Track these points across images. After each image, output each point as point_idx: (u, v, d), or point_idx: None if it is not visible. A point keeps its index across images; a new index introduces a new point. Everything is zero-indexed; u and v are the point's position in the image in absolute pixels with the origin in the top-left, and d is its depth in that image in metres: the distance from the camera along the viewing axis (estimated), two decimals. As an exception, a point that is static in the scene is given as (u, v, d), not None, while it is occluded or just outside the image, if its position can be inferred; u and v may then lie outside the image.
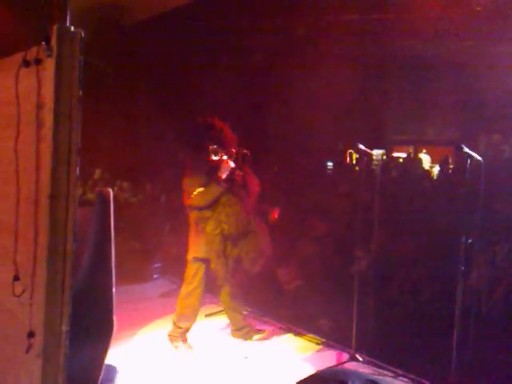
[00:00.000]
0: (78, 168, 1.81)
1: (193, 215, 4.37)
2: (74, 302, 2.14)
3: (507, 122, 11.51)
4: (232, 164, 4.35)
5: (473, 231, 3.80)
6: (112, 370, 3.32)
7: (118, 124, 9.40)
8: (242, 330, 4.76)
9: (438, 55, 8.53)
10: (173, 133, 8.64)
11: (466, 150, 3.36)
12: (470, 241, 3.74)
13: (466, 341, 4.12)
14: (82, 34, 1.72)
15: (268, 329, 5.02)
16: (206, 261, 4.40)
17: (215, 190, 4.24)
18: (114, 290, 2.55)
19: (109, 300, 2.45)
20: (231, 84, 8.90)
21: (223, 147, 4.36)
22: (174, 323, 4.54)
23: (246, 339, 4.72)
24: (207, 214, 4.28)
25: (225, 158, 4.35)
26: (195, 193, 4.20)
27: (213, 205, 4.26)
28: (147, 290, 6.35)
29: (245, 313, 5.07)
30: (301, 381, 2.60)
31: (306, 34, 8.63)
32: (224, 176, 4.28)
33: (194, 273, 4.41)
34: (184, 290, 4.48)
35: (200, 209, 4.27)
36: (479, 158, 3.45)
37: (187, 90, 8.94)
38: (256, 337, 4.76)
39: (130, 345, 4.59)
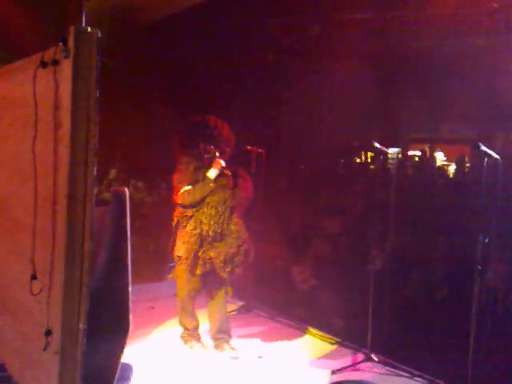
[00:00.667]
0: (95, 168, 1.82)
1: (176, 212, 4.33)
2: (90, 301, 2.16)
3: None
4: (223, 163, 4.29)
5: (489, 230, 3.76)
6: (128, 369, 3.35)
7: (133, 124, 9.46)
8: (218, 339, 4.55)
9: (455, 53, 8.43)
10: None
11: (484, 148, 3.33)
12: (487, 240, 3.69)
13: (482, 340, 4.08)
14: (99, 35, 1.74)
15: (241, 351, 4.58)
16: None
17: (202, 189, 4.18)
18: (130, 288, 2.56)
19: (125, 299, 2.47)
20: (246, 83, 8.91)
21: (216, 146, 4.30)
22: (180, 325, 4.57)
23: (217, 348, 4.52)
24: (189, 212, 4.23)
25: (217, 157, 4.28)
26: (182, 191, 4.17)
27: (197, 205, 4.21)
28: (162, 288, 6.35)
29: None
30: None
31: (320, 32, 8.60)
32: (213, 175, 4.23)
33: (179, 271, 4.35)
34: (177, 290, 4.49)
35: (184, 207, 4.23)
36: (497, 156, 3.41)
37: (202, 88, 8.95)
38: (227, 350, 4.48)
39: (145, 343, 4.62)
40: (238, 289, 5.96)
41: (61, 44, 1.74)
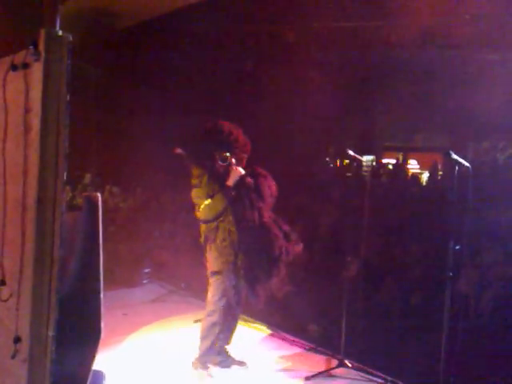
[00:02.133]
0: (65, 173, 1.80)
1: (202, 227, 4.09)
2: (61, 307, 2.13)
3: (496, 129, 11.63)
4: (242, 171, 4.06)
5: (461, 237, 3.82)
6: (99, 376, 3.29)
7: (108, 129, 9.39)
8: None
9: (429, 63, 8.60)
10: (165, 136, 8.64)
11: (454, 156, 3.39)
12: (458, 247, 3.75)
13: (454, 345, 4.13)
14: (70, 39, 1.72)
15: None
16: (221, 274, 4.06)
17: (223, 200, 3.92)
18: (102, 295, 2.53)
19: (96, 305, 2.44)
20: (221, 89, 8.93)
21: (232, 153, 4.07)
22: (205, 348, 4.17)
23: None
24: (214, 224, 3.98)
25: (234, 164, 4.07)
26: (202, 206, 3.92)
27: (221, 216, 3.95)
28: (137, 295, 6.33)
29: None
30: None
31: (297, 40, 8.68)
32: (232, 184, 4.00)
33: (214, 288, 4.08)
34: (207, 307, 4.16)
35: (208, 221, 3.98)
36: (467, 164, 3.47)
37: (179, 93, 8.95)
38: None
39: (118, 350, 4.57)
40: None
41: (31, 47, 1.73)
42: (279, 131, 9.34)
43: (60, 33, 1.74)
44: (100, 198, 2.20)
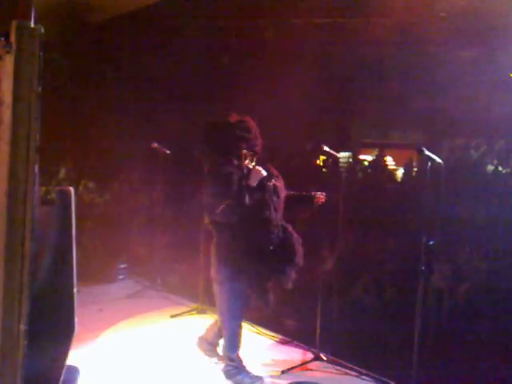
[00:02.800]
0: (37, 166, 1.78)
1: (218, 230, 3.81)
2: (33, 302, 2.12)
3: (471, 126, 11.82)
4: (264, 172, 3.80)
5: (434, 232, 3.89)
6: (74, 371, 3.27)
7: (84, 123, 9.28)
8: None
9: (405, 60, 8.69)
10: (141, 131, 8.58)
11: (427, 152, 3.45)
12: (431, 242, 3.81)
13: (427, 339, 4.21)
14: (42, 31, 1.70)
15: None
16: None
17: (245, 202, 3.63)
18: (75, 290, 2.52)
19: (69, 301, 2.42)
20: (197, 85, 8.89)
21: (254, 151, 3.84)
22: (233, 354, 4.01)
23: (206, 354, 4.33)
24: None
25: (253, 163, 3.85)
26: (223, 206, 3.57)
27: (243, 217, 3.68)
28: (112, 290, 6.28)
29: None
30: None
31: (275, 36, 8.69)
32: (255, 184, 3.73)
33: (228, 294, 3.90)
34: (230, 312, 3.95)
35: (229, 223, 3.67)
36: (439, 160, 3.53)
37: (154, 88, 8.89)
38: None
39: (93, 346, 4.54)
40: (190, 290, 5.97)
41: (2, 39, 1.71)
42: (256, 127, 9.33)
43: (32, 25, 1.72)
44: (73, 192, 2.18)
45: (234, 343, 3.97)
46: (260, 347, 4.75)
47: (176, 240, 7.42)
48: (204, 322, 5.30)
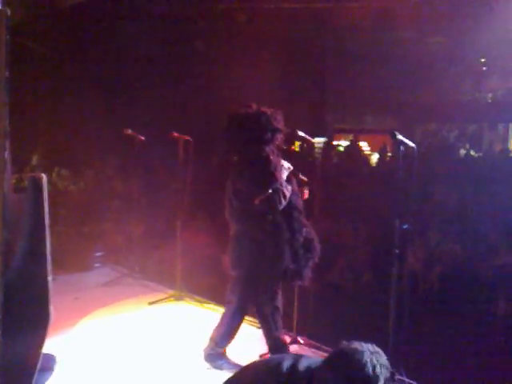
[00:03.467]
0: (6, 152, 1.76)
1: (251, 223, 3.69)
2: (7, 291, 2.10)
3: (444, 111, 11.98)
4: (287, 164, 3.78)
5: (407, 216, 3.94)
6: (51, 359, 3.27)
7: (57, 109, 9.13)
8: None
9: (378, 45, 8.73)
10: (115, 117, 8.48)
11: (399, 136, 3.48)
12: (405, 226, 3.87)
13: (402, 320, 4.28)
14: (9, 13, 1.66)
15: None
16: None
17: (283, 192, 3.59)
18: (50, 278, 2.50)
19: (44, 289, 2.40)
20: (173, 69, 8.80)
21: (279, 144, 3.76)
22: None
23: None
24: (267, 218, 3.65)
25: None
26: (269, 194, 3.53)
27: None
28: (89, 279, 6.24)
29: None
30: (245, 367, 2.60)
31: (248, 20, 8.63)
32: (284, 177, 3.69)
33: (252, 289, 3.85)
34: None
35: (264, 216, 3.61)
36: (412, 144, 3.58)
37: (128, 72, 8.77)
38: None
39: (70, 334, 4.51)
40: (168, 277, 5.96)
41: (-31, 22, 1.67)
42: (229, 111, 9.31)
43: (-2, 8, 1.68)
44: (45, 179, 2.15)
45: (229, 336, 3.97)
46: (240, 333, 4.77)
47: (153, 227, 7.39)
48: (182, 308, 5.33)
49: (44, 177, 2.13)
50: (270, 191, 3.56)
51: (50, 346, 2.75)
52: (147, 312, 5.13)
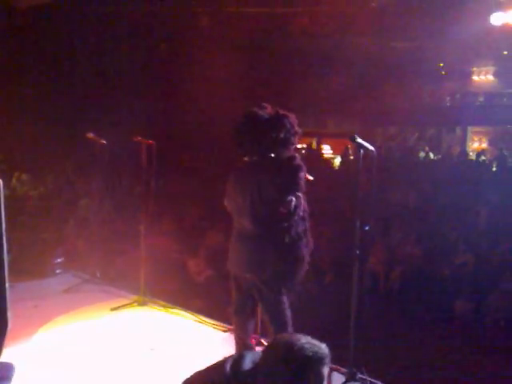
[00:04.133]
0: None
1: (272, 227, 3.63)
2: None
3: (403, 114, 12.25)
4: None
5: (368, 217, 4.01)
6: (9, 368, 3.19)
7: (15, 113, 8.93)
8: None
9: (347, 49, 8.85)
10: (76, 120, 8.35)
11: (359, 140, 3.55)
12: (367, 227, 3.94)
13: (363, 321, 4.35)
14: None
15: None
16: None
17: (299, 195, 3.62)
18: (7, 285, 2.45)
19: (1, 296, 2.35)
20: (135, 71, 8.74)
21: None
22: None
23: None
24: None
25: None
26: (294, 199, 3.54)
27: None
28: (49, 286, 6.09)
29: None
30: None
31: (211, 24, 8.65)
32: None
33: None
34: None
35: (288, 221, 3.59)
36: (371, 148, 3.65)
37: (88, 76, 8.65)
38: None
39: (29, 342, 4.41)
40: (131, 283, 5.89)
41: None
42: (193, 115, 9.31)
43: None
44: (1, 184, 2.11)
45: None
46: (203, 337, 4.77)
47: (116, 231, 7.31)
48: (145, 313, 5.28)
49: (0, 182, 2.09)
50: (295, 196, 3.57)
51: (8, 354, 2.69)
52: (109, 318, 5.06)
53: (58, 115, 8.92)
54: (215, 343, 4.59)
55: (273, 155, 3.62)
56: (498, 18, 8.53)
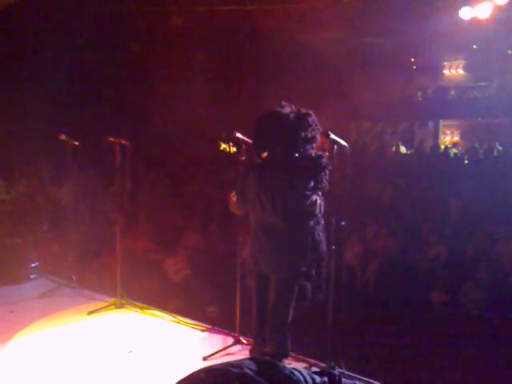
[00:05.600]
0: None
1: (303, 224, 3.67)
2: None
3: (376, 109, 12.37)
4: None
5: (344, 213, 4.04)
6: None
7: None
8: None
9: (309, 47, 8.90)
10: (49, 122, 8.22)
11: (332, 136, 3.58)
12: (343, 223, 3.97)
13: (340, 315, 4.38)
14: None
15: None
16: None
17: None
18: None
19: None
20: (107, 72, 8.65)
21: None
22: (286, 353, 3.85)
23: None
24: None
25: None
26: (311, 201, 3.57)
27: None
28: (24, 291, 6.01)
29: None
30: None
31: (183, 24, 8.60)
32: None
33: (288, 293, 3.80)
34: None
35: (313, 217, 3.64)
36: (344, 143, 3.68)
37: (60, 77, 8.53)
38: None
39: (5, 348, 4.35)
40: (107, 285, 5.85)
41: None
42: (166, 114, 9.26)
43: None
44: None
45: (286, 344, 3.81)
46: (181, 336, 4.76)
47: (91, 234, 7.23)
48: (122, 316, 5.24)
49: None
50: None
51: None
52: (86, 322, 5.01)
53: (30, 118, 8.77)
54: (194, 343, 4.58)
55: (297, 154, 3.63)
56: (466, 13, 8.66)
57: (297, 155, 3.63)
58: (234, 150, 9.92)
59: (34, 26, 8.51)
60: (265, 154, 3.71)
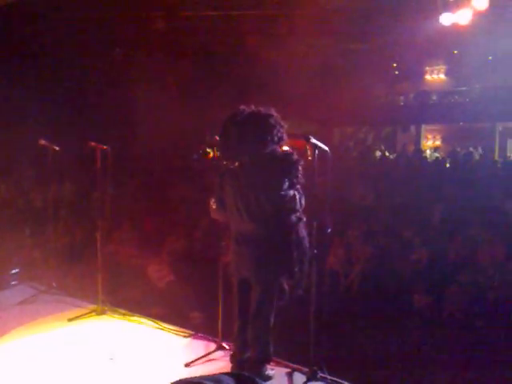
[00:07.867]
0: None
1: (286, 224, 3.67)
2: None
3: (358, 114, 12.47)
4: None
5: (326, 218, 4.04)
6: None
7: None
8: None
9: (292, 53, 8.94)
10: (31, 127, 8.13)
11: (314, 140, 3.59)
12: (329, 230, 3.98)
13: (324, 318, 4.38)
14: None
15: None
16: None
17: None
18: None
19: None
20: (91, 76, 8.59)
21: None
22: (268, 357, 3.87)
23: None
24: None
25: None
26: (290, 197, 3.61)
27: None
28: (4, 297, 5.91)
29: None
30: None
31: (166, 28, 8.58)
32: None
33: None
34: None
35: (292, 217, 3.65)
36: (326, 148, 3.69)
37: (45, 80, 8.45)
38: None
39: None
40: (89, 292, 5.77)
41: None
42: (151, 120, 9.21)
43: None
44: None
45: (269, 349, 3.83)
46: (163, 344, 4.72)
47: (72, 240, 7.15)
48: (104, 323, 5.18)
49: None
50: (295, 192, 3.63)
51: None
52: (67, 329, 4.94)
53: (11, 123, 8.66)
54: (176, 349, 4.54)
55: (266, 157, 3.61)
56: (447, 18, 8.75)
57: (266, 157, 3.62)
58: (218, 154, 9.90)
59: (16, 30, 8.44)
60: (236, 164, 3.72)
